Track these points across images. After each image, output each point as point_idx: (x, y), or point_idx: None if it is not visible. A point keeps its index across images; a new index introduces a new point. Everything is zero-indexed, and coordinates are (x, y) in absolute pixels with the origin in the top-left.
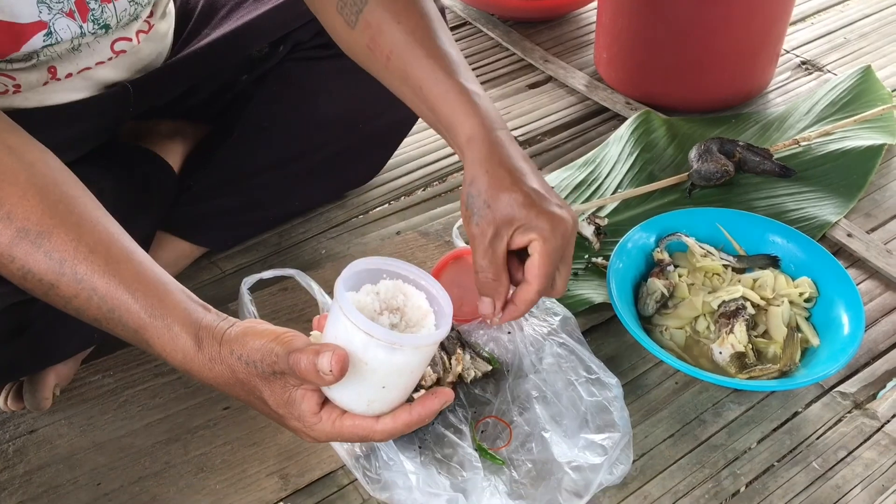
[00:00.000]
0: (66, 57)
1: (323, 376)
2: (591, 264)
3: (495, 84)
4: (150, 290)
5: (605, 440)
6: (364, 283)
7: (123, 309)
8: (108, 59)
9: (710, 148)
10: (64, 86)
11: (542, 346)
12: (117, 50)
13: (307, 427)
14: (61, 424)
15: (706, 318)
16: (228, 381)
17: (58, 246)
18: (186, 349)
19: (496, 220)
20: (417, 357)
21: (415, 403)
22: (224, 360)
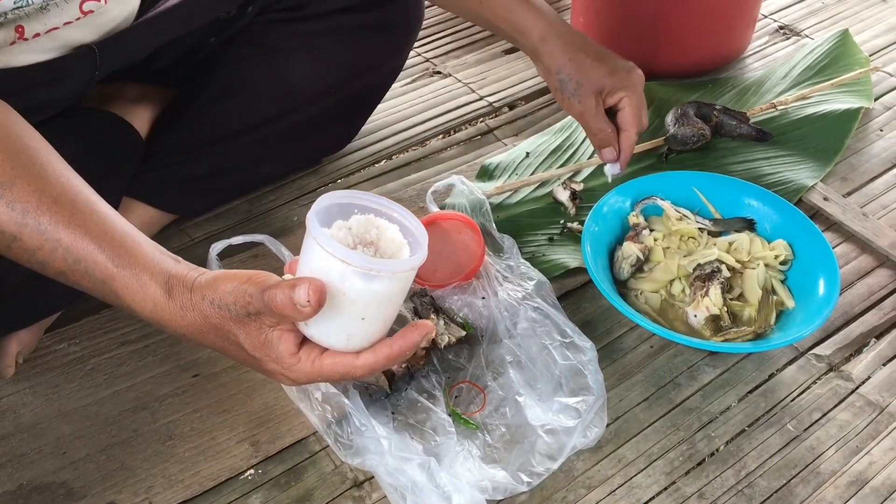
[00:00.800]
0: (35, 16)
1: (301, 309)
2: (566, 229)
3: (470, 49)
4: (117, 240)
5: (579, 403)
6: (335, 220)
7: (90, 260)
8: (77, 20)
9: (687, 112)
10: (31, 46)
11: (516, 311)
12: (86, 10)
13: (286, 369)
14: (25, 393)
15: (681, 282)
16: (201, 328)
17: (20, 196)
18: (156, 298)
19: (593, 92)
20: (396, 285)
21: (395, 336)
22: (196, 306)
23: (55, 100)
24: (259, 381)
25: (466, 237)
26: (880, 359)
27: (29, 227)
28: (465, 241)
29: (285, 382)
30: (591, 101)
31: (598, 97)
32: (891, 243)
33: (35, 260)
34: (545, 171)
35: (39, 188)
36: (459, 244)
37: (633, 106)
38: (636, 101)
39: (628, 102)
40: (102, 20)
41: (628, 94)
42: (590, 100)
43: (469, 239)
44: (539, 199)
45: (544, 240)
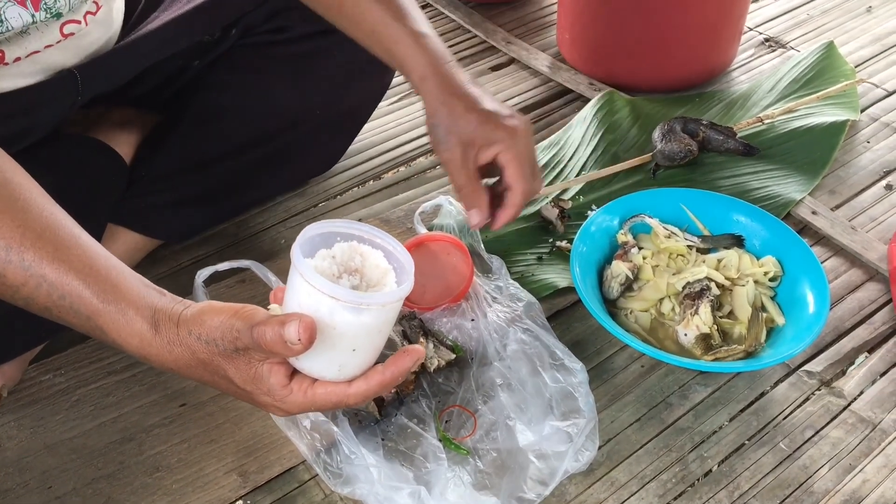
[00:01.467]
0: (15, 40)
1: (291, 346)
2: (555, 248)
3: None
4: (102, 275)
5: (570, 427)
6: (318, 249)
7: (75, 295)
8: (57, 42)
9: (674, 127)
10: (11, 71)
11: (506, 333)
12: (66, 33)
13: (278, 401)
14: (10, 426)
15: (671, 300)
16: (189, 363)
17: (3, 233)
18: (143, 333)
19: (461, 143)
20: (385, 315)
21: (387, 363)
22: (182, 341)
23: (37, 125)
24: (247, 409)
25: (455, 258)
26: (872, 374)
27: (13, 263)
28: (453, 263)
29: (277, 414)
30: (456, 153)
31: (466, 150)
32: (880, 256)
33: (20, 296)
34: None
35: (22, 223)
36: (448, 265)
37: (513, 160)
38: (515, 155)
39: (506, 157)
40: (83, 43)
41: (504, 150)
42: (455, 151)
43: (458, 260)
44: (527, 217)
45: (533, 259)
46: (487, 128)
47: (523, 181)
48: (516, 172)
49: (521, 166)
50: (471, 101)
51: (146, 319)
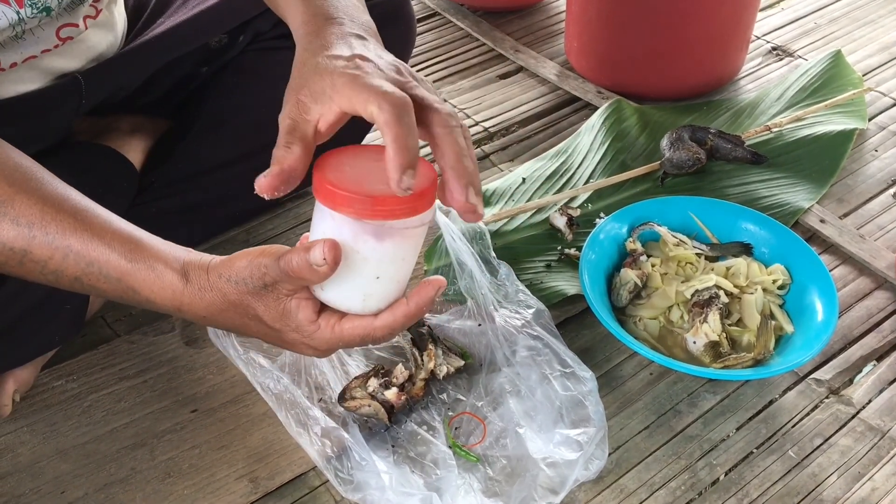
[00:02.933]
0: (9, 45)
1: (317, 269)
2: (563, 255)
3: (465, 75)
4: (125, 237)
5: (580, 435)
6: None
7: (102, 260)
8: (55, 47)
9: (682, 136)
10: (9, 76)
11: (515, 339)
12: (63, 37)
13: (306, 337)
14: (23, 432)
15: (680, 308)
16: (221, 307)
17: (23, 211)
18: (174, 285)
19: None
20: (407, 242)
21: (411, 294)
22: (213, 285)
23: (43, 132)
24: (258, 415)
25: None
26: (881, 382)
27: (37, 238)
28: None
29: (307, 353)
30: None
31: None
32: (888, 265)
33: (48, 271)
34: (541, 196)
35: (41, 200)
36: None
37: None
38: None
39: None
40: (83, 47)
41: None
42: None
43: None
44: (536, 225)
45: (542, 266)
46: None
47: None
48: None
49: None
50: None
51: (176, 271)
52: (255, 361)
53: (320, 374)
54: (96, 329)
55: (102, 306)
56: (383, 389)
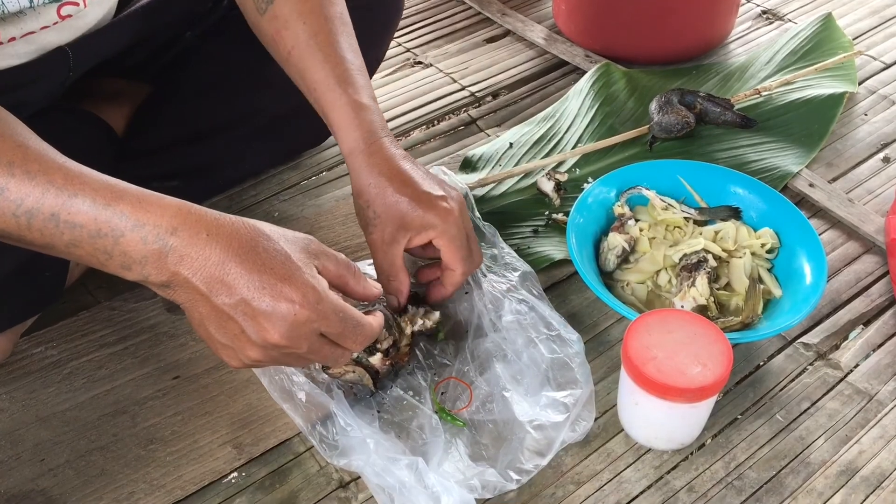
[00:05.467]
0: (10, 20)
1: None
2: (551, 220)
3: (452, 39)
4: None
5: (567, 397)
6: None
7: (88, 189)
8: (54, 24)
9: (671, 99)
10: (6, 51)
11: (501, 304)
12: (64, 14)
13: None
14: (2, 399)
15: (668, 272)
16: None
17: (4, 151)
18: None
19: (391, 226)
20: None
21: None
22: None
23: (27, 102)
24: (242, 381)
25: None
26: (868, 346)
27: (16, 175)
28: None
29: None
30: (385, 235)
31: (397, 234)
32: (877, 229)
33: (23, 210)
34: (529, 161)
35: (23, 144)
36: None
37: (448, 245)
38: (450, 239)
39: (442, 243)
40: (80, 23)
41: (437, 235)
42: (384, 233)
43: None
44: (523, 190)
45: (529, 231)
46: (420, 212)
47: (461, 263)
48: (453, 256)
49: (458, 249)
50: (401, 181)
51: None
52: None
53: None
54: (76, 296)
55: (83, 273)
56: (367, 355)
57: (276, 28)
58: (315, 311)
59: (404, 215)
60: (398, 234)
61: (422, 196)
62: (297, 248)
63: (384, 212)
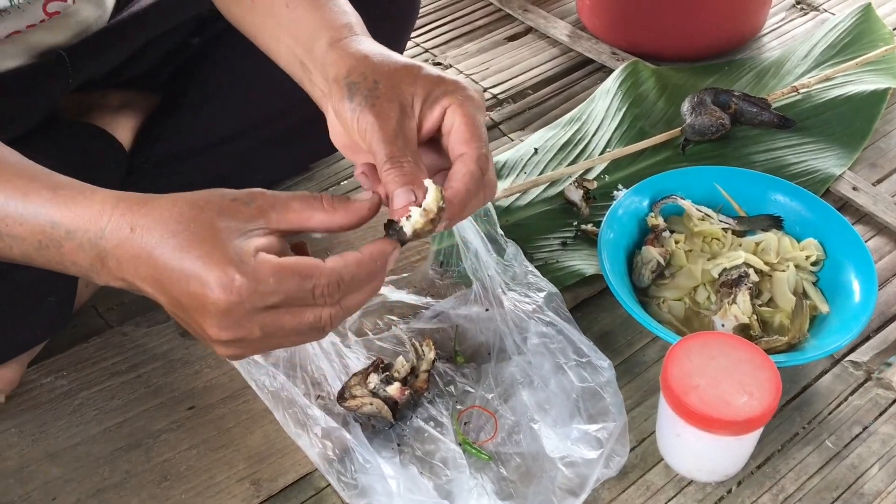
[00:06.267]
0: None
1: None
2: (580, 232)
3: (472, 37)
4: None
5: (600, 431)
6: None
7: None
8: (41, 21)
9: (704, 100)
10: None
11: (525, 326)
12: (50, 11)
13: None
14: (10, 434)
15: (706, 288)
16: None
17: None
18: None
19: (398, 96)
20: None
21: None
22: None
23: (25, 113)
24: (258, 412)
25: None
26: None
27: None
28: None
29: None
30: (390, 108)
31: (404, 106)
32: None
33: None
34: (555, 168)
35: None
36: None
37: (469, 119)
38: (471, 115)
39: (459, 114)
40: (72, 21)
41: (457, 105)
42: (390, 105)
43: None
44: (550, 199)
45: (557, 244)
46: (434, 79)
47: (478, 148)
48: (472, 133)
49: (477, 127)
50: (403, 58)
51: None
52: (249, 357)
53: (317, 370)
54: (86, 319)
55: (92, 295)
56: (385, 385)
57: None
58: (234, 291)
59: (416, 80)
60: (403, 107)
61: (439, 73)
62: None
63: (389, 79)
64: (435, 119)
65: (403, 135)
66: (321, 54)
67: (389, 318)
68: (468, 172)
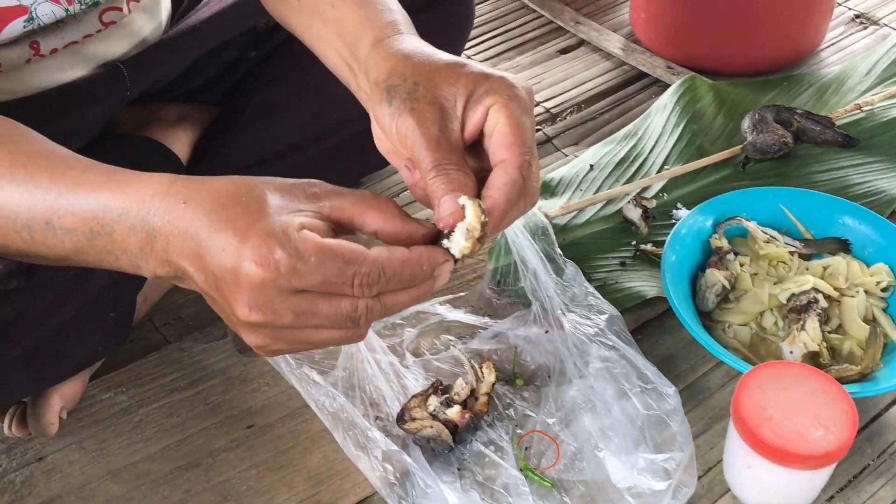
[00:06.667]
0: (50, 30)
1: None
2: (639, 252)
3: (522, 50)
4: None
5: (667, 461)
6: None
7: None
8: (97, 31)
9: (765, 117)
10: (50, 63)
11: (587, 349)
12: (106, 21)
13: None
14: (72, 450)
15: (773, 313)
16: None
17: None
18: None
19: (439, 98)
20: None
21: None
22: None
23: (84, 126)
24: (317, 431)
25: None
26: None
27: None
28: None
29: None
30: (430, 111)
31: (445, 108)
32: None
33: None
34: (612, 185)
35: (12, 152)
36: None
37: (513, 120)
38: (517, 115)
39: (504, 115)
40: (127, 31)
41: (501, 104)
42: (430, 108)
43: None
44: (607, 218)
45: (616, 264)
46: (478, 76)
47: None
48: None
49: (522, 131)
50: (454, 57)
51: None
52: (308, 377)
53: (375, 390)
54: (144, 333)
55: (150, 310)
56: (445, 408)
57: None
58: (272, 266)
59: (458, 79)
60: (448, 107)
61: (484, 70)
62: (283, 195)
63: (429, 79)
64: (478, 119)
65: (447, 138)
66: (364, 55)
67: (447, 337)
68: (510, 181)
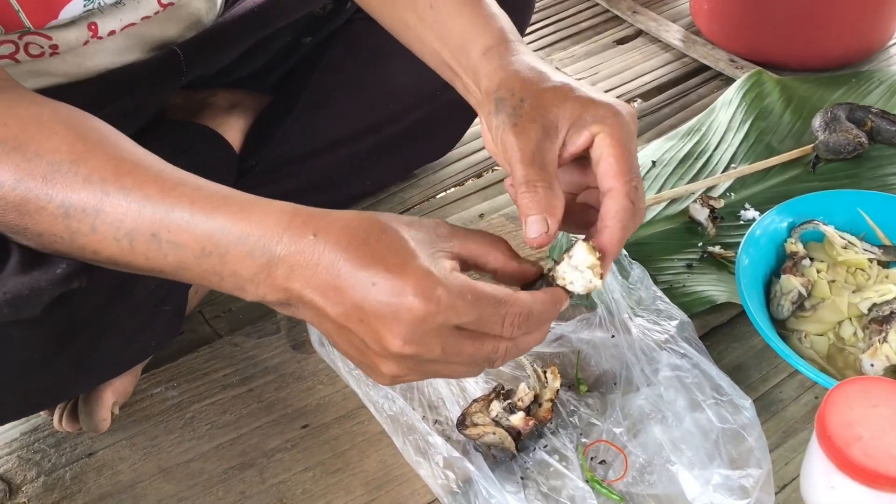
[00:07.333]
0: (109, 12)
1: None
2: (706, 254)
3: (578, 40)
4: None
5: (745, 478)
6: None
7: (186, 201)
8: (155, 13)
9: (838, 115)
10: (106, 45)
11: (656, 356)
12: (165, 2)
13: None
14: (122, 446)
15: (853, 323)
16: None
17: (96, 168)
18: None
19: (539, 116)
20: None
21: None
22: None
23: (139, 110)
24: (374, 434)
25: None
26: None
27: (111, 195)
28: None
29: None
30: (532, 129)
31: (547, 128)
32: None
33: (122, 233)
34: (676, 183)
35: (116, 157)
36: None
37: (619, 149)
38: (622, 143)
39: (608, 144)
40: (183, 13)
41: (607, 133)
42: (532, 126)
43: None
44: (672, 217)
45: (682, 267)
46: (584, 101)
47: (629, 181)
48: (621, 166)
49: (628, 158)
50: (565, 79)
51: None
52: (366, 378)
53: (434, 393)
54: (194, 326)
55: (200, 302)
56: (508, 414)
57: None
58: (434, 301)
59: (564, 101)
60: (551, 129)
61: (592, 95)
62: (419, 233)
63: (534, 98)
64: (582, 144)
65: (542, 157)
66: (473, 62)
67: None
68: (621, 209)
